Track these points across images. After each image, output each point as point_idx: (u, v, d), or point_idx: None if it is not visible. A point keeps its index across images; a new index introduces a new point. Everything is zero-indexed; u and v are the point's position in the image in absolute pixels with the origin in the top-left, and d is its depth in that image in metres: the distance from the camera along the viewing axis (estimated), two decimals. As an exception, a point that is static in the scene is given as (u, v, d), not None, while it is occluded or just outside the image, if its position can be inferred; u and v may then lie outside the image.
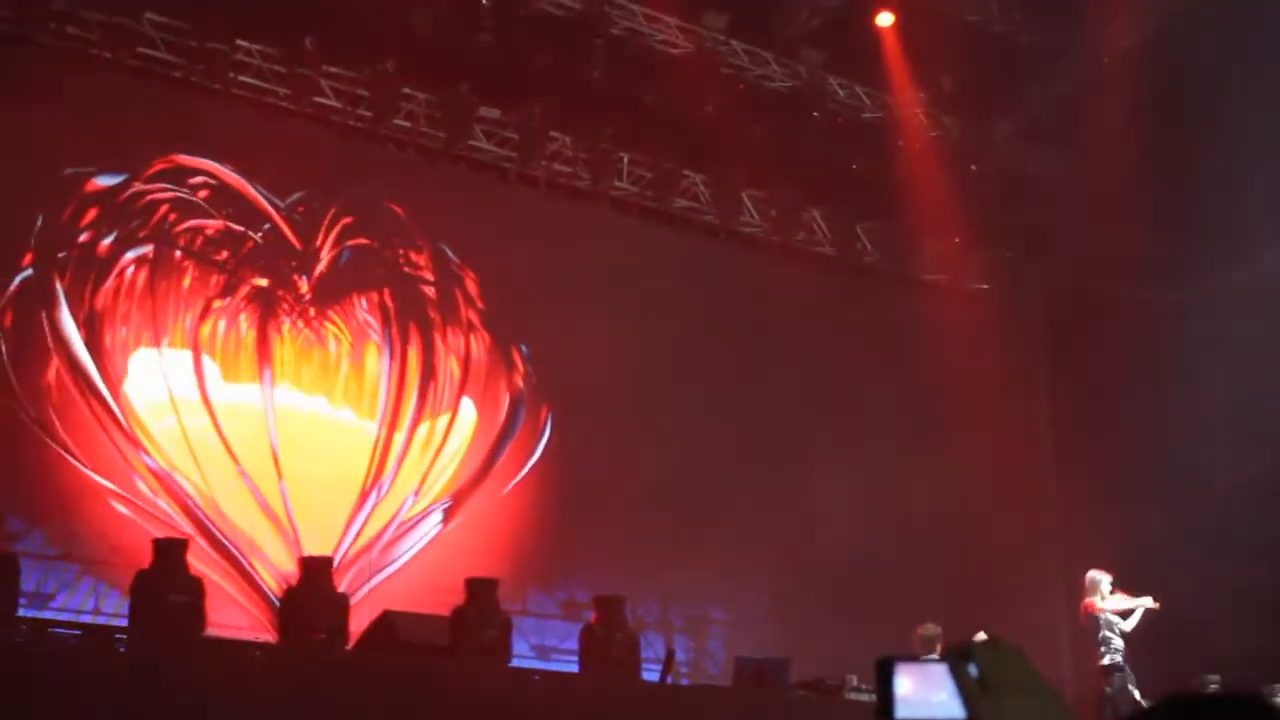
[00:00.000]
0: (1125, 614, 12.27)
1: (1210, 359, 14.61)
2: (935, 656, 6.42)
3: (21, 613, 10.80)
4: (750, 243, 16.65)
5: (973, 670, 2.26)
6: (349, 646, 11.36)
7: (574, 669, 12.75)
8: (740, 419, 15.69)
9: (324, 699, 9.90)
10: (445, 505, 14.48)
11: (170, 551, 11.12)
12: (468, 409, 14.85)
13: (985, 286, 17.58)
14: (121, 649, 10.21)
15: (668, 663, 12.99)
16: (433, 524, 14.41)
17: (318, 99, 14.19)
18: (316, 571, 11.88)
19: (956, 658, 2.30)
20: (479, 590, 11.95)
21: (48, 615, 11.86)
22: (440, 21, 14.05)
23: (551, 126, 15.13)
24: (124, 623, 10.90)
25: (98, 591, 12.51)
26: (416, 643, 11.07)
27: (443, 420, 14.66)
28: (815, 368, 16.05)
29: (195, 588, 10.88)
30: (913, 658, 2.52)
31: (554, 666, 13.93)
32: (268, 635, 12.52)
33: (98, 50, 13.13)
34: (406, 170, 14.87)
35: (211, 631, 11.08)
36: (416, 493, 14.37)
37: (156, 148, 13.51)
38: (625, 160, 15.70)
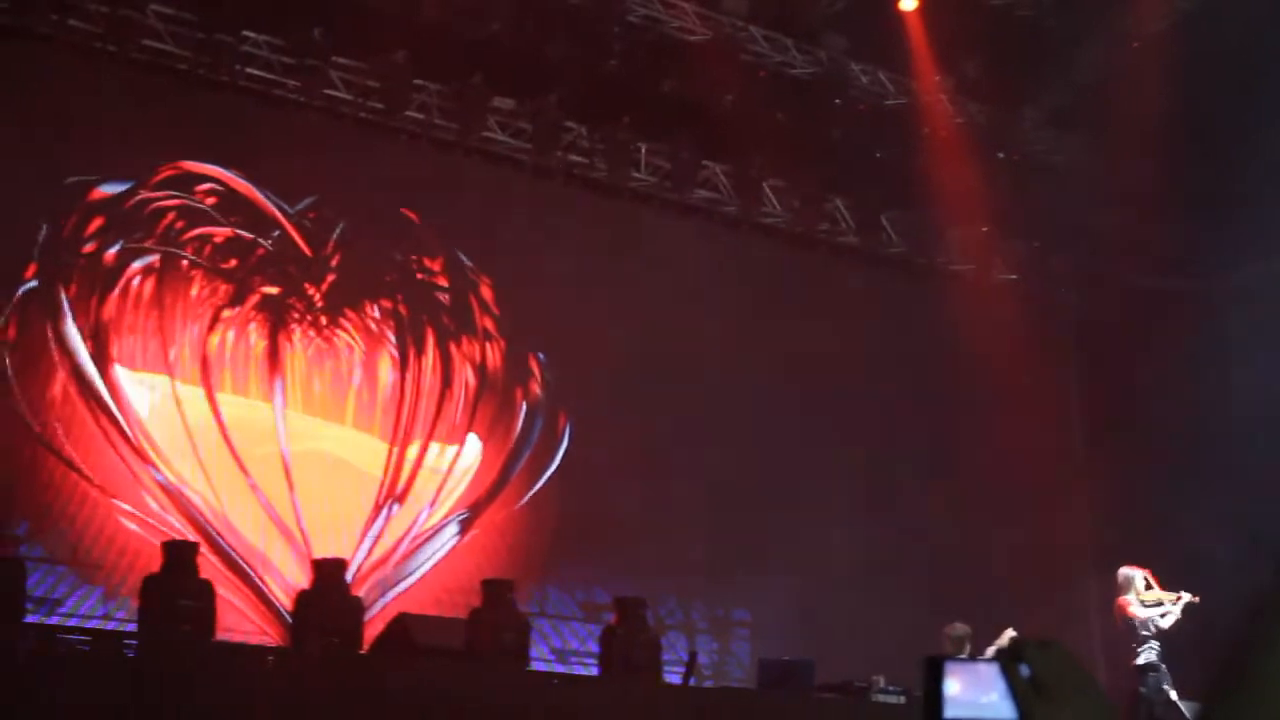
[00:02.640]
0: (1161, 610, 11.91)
1: (1248, 350, 14.31)
2: (964, 656, 6.19)
3: (30, 619, 10.68)
4: (772, 234, 16.35)
5: (1024, 671, 2.05)
6: (363, 650, 11.12)
7: (594, 672, 12.55)
8: (763, 416, 15.40)
9: (337, 704, 9.77)
10: (462, 517, 14.19)
11: (180, 555, 10.94)
12: (483, 419, 14.54)
13: (1014, 277, 17.25)
14: (130, 654, 10.02)
15: (690, 665, 12.77)
16: (449, 535, 14.13)
17: (328, 91, 13.92)
18: (330, 574, 11.66)
19: (1008, 658, 2.10)
20: (495, 592, 11.74)
21: (56, 621, 11.72)
22: (452, 10, 13.80)
23: (567, 117, 14.87)
24: (133, 627, 10.73)
25: (107, 596, 12.29)
26: (432, 646, 10.84)
27: (458, 431, 14.37)
28: (841, 362, 15.74)
29: (205, 592, 10.71)
30: (960, 658, 2.33)
31: (574, 670, 13.70)
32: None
33: (101, 43, 12.85)
34: (419, 168, 14.59)
35: (222, 638, 10.89)
36: (432, 504, 14.09)
37: (162, 152, 13.26)
38: (643, 150, 15.42)
